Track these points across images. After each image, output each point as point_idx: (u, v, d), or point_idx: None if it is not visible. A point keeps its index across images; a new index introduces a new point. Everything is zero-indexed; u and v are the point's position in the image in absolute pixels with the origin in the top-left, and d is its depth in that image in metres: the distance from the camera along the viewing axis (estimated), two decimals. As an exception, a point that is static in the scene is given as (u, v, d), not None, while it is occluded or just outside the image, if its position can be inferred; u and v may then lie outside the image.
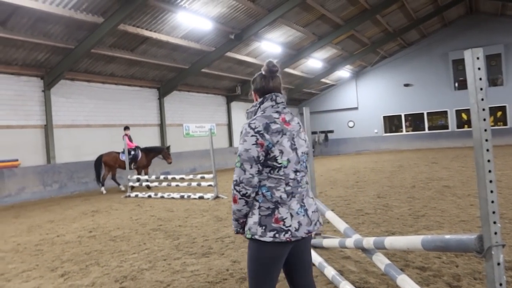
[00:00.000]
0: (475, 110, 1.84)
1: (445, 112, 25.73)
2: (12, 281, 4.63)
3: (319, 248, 4.80)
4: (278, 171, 2.25)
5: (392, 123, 28.01)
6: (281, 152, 2.25)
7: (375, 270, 4.03)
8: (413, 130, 27.09)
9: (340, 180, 12.10)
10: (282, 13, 15.60)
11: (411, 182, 10.36)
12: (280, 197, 2.24)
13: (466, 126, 24.94)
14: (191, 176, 11.42)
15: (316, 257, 4.29)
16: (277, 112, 2.35)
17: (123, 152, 12.69)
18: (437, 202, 7.44)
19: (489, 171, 1.82)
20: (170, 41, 14.98)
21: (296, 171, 2.30)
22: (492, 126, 23.21)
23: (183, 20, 14.00)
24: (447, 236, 2.15)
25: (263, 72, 2.49)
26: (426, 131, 26.45)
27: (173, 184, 11.75)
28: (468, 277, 3.72)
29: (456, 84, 25.14)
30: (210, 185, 10.37)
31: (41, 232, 7.36)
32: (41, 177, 13.14)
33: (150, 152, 13.44)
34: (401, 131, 27.43)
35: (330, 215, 4.63)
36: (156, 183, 12.10)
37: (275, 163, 2.24)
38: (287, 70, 22.65)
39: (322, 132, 29.51)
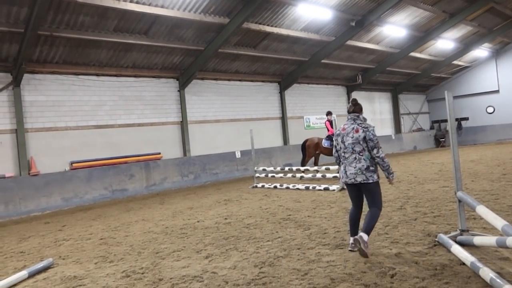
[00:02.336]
0: None
1: None
2: (166, 259, 5.20)
3: (468, 246, 4.32)
4: (339, 152, 4.92)
5: (545, 106, 23.93)
6: (337, 144, 4.92)
7: (545, 275, 3.46)
8: None
9: (482, 172, 10.77)
10: (408, -7, 14.49)
11: None
12: (341, 164, 4.91)
13: None
14: (315, 168, 11.40)
15: (467, 256, 3.87)
16: (344, 125, 4.87)
17: (326, 139, 12.93)
18: None
19: None
20: (290, 35, 15.16)
21: (344, 153, 4.78)
22: None
23: (303, 12, 14.01)
24: None
25: (350, 103, 4.92)
26: None
27: (297, 175, 11.93)
28: None
29: None
30: (335, 177, 10.23)
31: (183, 217, 8.15)
32: (179, 168, 14.59)
33: None
34: (558, 116, 23.26)
35: (482, 210, 4.12)
36: (281, 174, 12.41)
37: (336, 149, 4.98)
38: (413, 54, 21.05)
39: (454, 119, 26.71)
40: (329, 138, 12.68)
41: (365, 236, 4.40)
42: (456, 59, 23.90)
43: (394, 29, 17.50)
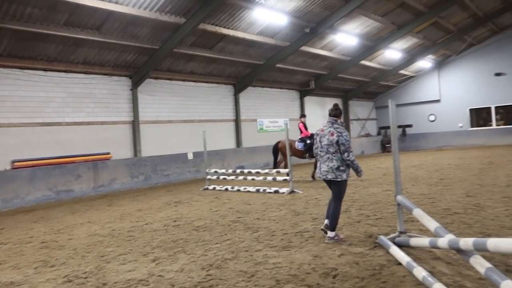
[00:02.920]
0: None
1: (545, 104, 23.05)
2: (111, 263, 5.08)
3: (405, 247, 4.60)
4: (316, 151, 5.53)
5: (479, 116, 25.75)
6: (315, 143, 5.54)
7: (470, 273, 3.77)
8: (505, 124, 24.65)
9: (422, 177, 11.45)
10: (360, 3, 15.05)
11: (506, 180, 9.47)
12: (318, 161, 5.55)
13: None
14: (266, 171, 11.57)
15: (403, 257, 4.13)
16: (324, 126, 5.50)
17: (299, 141, 12.62)
18: (538, 203, 6.72)
19: None
20: (246, 38, 15.28)
21: (320, 151, 5.43)
22: None
23: (259, 16, 14.17)
24: None
25: (332, 107, 5.57)
26: (522, 125, 23.93)
27: (249, 178, 12.02)
28: None
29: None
30: (285, 180, 10.44)
31: (131, 220, 7.97)
32: (129, 169, 14.21)
33: None
34: (491, 125, 25.14)
35: (418, 213, 4.41)
36: (232, 177, 12.44)
37: (316, 147, 5.55)
38: (363, 62, 21.92)
39: (399, 126, 28.11)
40: (302, 140, 12.58)
41: (330, 234, 5.33)
42: (402, 68, 25.19)
43: (346, 37, 18.14)
